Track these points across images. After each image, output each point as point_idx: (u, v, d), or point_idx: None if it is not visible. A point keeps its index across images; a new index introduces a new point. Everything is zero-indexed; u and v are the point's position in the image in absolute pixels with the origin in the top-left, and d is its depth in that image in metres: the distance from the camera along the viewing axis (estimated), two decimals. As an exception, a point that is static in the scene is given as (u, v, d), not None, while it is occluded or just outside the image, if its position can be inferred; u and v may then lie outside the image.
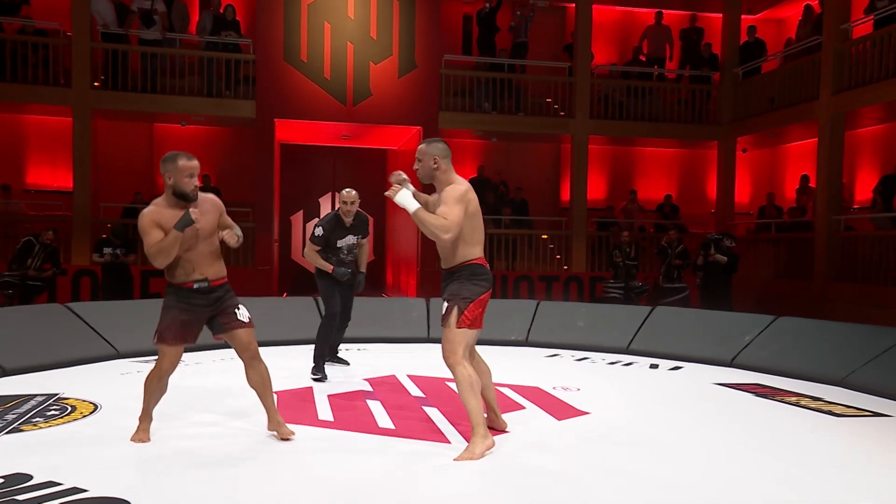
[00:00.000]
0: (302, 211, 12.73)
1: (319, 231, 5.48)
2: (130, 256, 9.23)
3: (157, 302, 7.94)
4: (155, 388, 3.74)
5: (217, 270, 3.76)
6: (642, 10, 13.34)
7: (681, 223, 12.54)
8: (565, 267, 12.01)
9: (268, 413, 3.87)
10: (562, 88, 12.16)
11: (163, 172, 3.64)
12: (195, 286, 3.66)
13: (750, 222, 12.74)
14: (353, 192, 5.49)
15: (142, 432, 3.75)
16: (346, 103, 10.98)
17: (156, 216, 3.57)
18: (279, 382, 5.22)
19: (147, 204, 3.72)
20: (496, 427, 3.99)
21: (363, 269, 5.81)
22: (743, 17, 12.68)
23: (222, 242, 3.81)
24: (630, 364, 6.56)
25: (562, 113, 12.10)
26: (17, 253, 8.79)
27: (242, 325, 3.76)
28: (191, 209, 3.53)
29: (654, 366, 6.49)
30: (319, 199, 12.87)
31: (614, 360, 6.72)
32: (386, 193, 3.71)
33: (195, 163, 3.63)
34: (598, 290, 11.01)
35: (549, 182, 13.51)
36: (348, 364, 6.05)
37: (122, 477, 3.16)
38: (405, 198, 3.63)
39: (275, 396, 3.94)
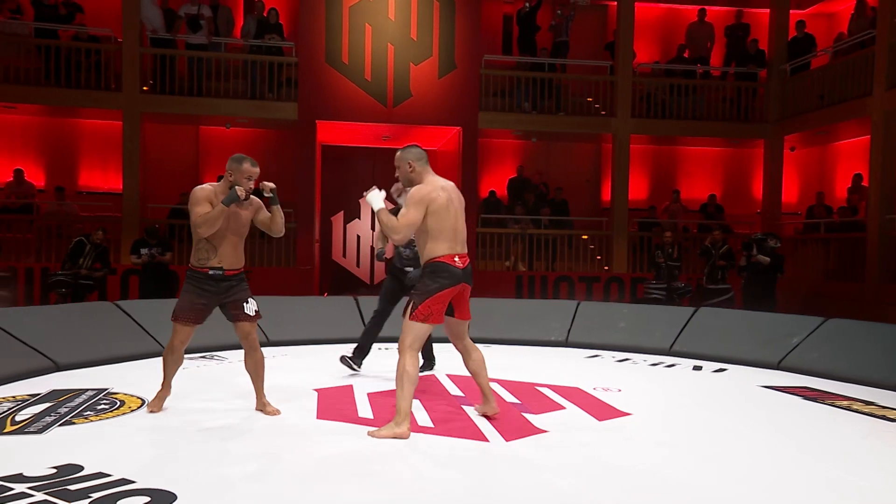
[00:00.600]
0: (343, 211, 12.85)
1: None
2: (167, 255, 9.35)
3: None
4: (170, 360, 4.21)
5: (234, 262, 4.12)
6: (686, 7, 13.12)
7: (725, 223, 12.29)
8: (606, 268, 11.87)
9: (256, 394, 4.33)
10: (603, 87, 12.05)
11: (228, 168, 4.04)
12: (210, 272, 4.04)
13: (798, 222, 12.41)
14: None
15: (158, 401, 4.24)
16: (387, 104, 11.06)
17: (210, 195, 4.00)
18: (319, 380, 5.30)
19: None
20: (487, 413, 4.20)
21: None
22: (791, 11, 12.37)
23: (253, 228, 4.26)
24: (672, 365, 6.45)
25: (603, 112, 11.99)
26: (69, 253, 9.08)
27: (248, 318, 4.17)
28: (237, 187, 3.93)
29: (697, 367, 6.37)
30: (360, 200, 12.97)
31: (656, 362, 6.61)
32: (364, 193, 4.03)
33: (257, 170, 4.05)
34: (640, 291, 10.85)
35: (589, 182, 13.37)
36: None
37: (168, 469, 3.23)
38: (373, 198, 3.93)
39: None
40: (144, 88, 10.82)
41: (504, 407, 4.60)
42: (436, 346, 5.95)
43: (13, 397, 4.52)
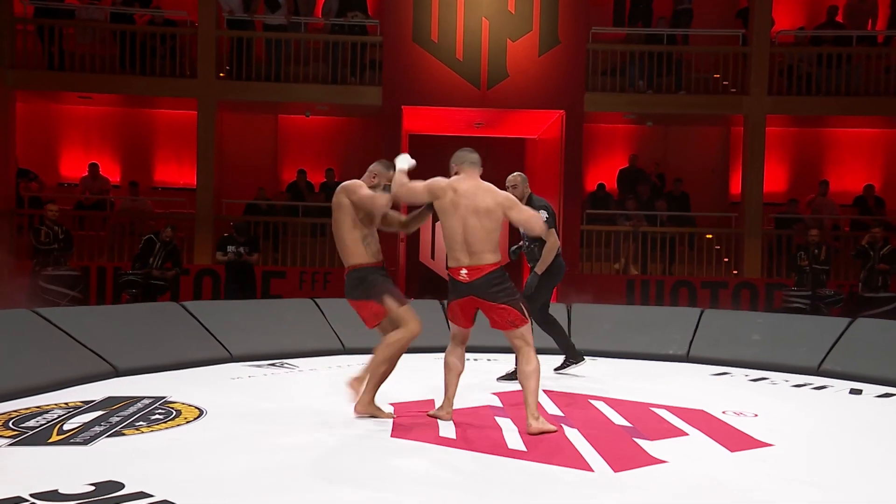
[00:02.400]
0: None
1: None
2: (254, 255, 9.56)
3: (277, 303, 8.14)
4: (396, 356, 4.47)
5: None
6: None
7: (887, 220, 11.38)
8: (735, 272, 11.30)
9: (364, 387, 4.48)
10: (733, 60, 11.45)
11: (372, 170, 4.49)
12: (382, 266, 4.49)
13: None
14: (512, 175, 5.69)
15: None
16: (480, 87, 10.88)
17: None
18: (398, 393, 5.12)
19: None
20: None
21: (538, 270, 5.73)
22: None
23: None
24: (822, 388, 5.90)
25: (733, 90, 11.42)
26: (139, 252, 9.40)
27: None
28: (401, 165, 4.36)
29: (855, 391, 5.79)
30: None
31: (801, 383, 6.08)
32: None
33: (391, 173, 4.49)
34: (778, 299, 10.24)
35: (715, 172, 12.79)
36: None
37: (215, 491, 3.10)
38: (401, 159, 4.31)
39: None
40: (220, 75, 11.11)
41: (612, 431, 4.27)
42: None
43: (66, 404, 4.57)
